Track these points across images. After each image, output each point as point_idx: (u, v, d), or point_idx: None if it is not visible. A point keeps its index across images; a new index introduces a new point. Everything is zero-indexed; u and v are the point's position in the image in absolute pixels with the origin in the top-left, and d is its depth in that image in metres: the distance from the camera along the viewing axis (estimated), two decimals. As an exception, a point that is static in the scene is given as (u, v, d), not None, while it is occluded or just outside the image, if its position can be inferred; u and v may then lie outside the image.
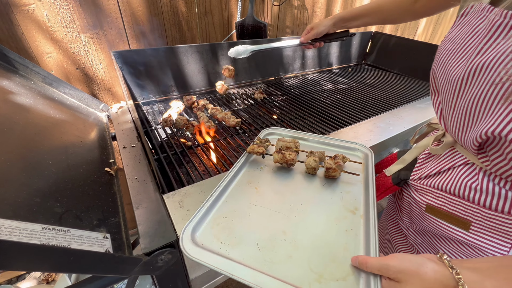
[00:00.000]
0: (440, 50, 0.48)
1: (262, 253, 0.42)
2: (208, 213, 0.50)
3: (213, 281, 0.65)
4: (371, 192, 0.53)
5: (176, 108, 0.97)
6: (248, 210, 0.51)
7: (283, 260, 0.41)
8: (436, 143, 0.54)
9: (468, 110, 0.40)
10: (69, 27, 0.90)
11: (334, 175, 0.58)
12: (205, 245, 0.44)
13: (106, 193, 0.57)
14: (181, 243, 0.43)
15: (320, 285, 0.38)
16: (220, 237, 0.45)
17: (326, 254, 0.42)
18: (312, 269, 0.40)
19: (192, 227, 0.46)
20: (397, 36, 1.52)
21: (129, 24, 1.01)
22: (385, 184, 0.64)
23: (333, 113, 1.03)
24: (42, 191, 0.44)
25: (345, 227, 0.47)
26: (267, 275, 0.39)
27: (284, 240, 0.45)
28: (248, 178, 0.60)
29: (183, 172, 0.70)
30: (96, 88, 1.04)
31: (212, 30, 1.22)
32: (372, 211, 0.49)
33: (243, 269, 0.40)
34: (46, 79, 0.81)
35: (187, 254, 0.41)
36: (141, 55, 0.97)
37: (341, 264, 0.41)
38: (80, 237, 0.42)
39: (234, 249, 0.43)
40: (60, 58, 0.93)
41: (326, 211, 0.51)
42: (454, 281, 0.34)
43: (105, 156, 0.71)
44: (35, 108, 0.66)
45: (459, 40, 0.43)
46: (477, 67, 0.38)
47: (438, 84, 0.48)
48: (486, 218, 0.44)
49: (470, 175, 0.45)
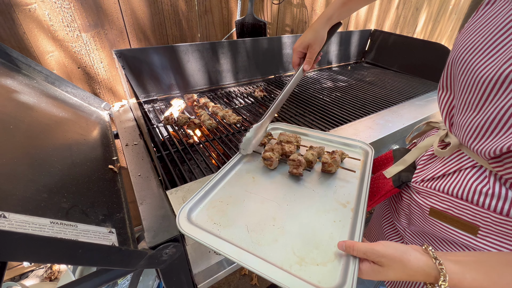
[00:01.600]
0: (460, 43, 0.42)
1: (250, 235, 0.46)
2: (206, 196, 0.54)
3: (215, 276, 0.66)
4: (365, 188, 0.55)
5: (178, 107, 0.98)
6: (243, 196, 0.54)
7: (268, 243, 0.44)
8: (443, 145, 0.50)
9: (496, 118, 0.36)
10: (70, 26, 0.91)
11: (330, 169, 0.59)
12: (199, 224, 0.47)
13: (110, 190, 0.58)
14: (177, 220, 0.46)
15: (300, 267, 0.40)
16: (214, 218, 0.49)
17: (311, 241, 0.45)
18: (295, 253, 0.43)
19: (189, 207, 0.50)
20: (396, 34, 1.53)
21: (130, 23, 1.01)
22: (385, 187, 0.60)
23: (333, 110, 1.04)
24: (48, 187, 0.45)
25: (334, 218, 0.49)
26: (252, 254, 0.42)
27: (273, 226, 0.48)
28: (247, 168, 0.63)
29: (185, 169, 0.71)
30: (98, 87, 1.05)
31: (212, 28, 1.23)
32: (362, 205, 0.51)
33: (229, 247, 0.43)
34: (49, 78, 0.82)
35: (180, 230, 0.45)
36: (142, 54, 0.98)
37: (324, 251, 0.43)
38: (87, 231, 0.43)
39: (225, 229, 0.47)
40: (62, 57, 0.94)
41: (318, 202, 0.53)
42: (436, 270, 0.35)
43: (108, 154, 0.72)
44: (39, 107, 0.67)
45: (487, 33, 0.37)
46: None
47: (455, 81, 0.44)
48: (495, 223, 0.41)
49: (479, 178, 0.42)
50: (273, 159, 0.60)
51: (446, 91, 0.48)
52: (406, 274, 0.37)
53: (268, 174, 0.61)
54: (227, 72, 1.23)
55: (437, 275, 0.35)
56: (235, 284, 1.44)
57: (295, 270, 0.40)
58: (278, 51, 1.34)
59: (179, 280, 0.57)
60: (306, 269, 0.40)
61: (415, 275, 0.37)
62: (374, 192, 0.63)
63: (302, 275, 0.39)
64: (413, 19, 2.31)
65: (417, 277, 0.37)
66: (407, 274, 0.37)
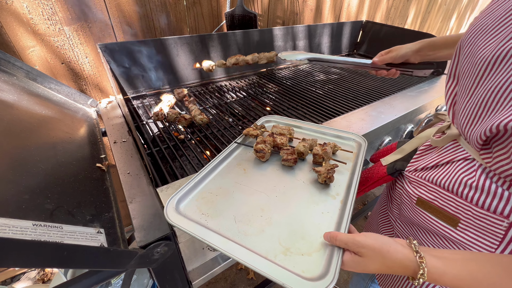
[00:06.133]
0: (471, 26, 0.42)
1: (237, 225, 0.46)
2: (196, 188, 0.54)
3: (210, 272, 0.65)
4: (355, 180, 0.55)
5: (167, 102, 0.96)
6: (233, 188, 0.54)
7: (255, 233, 0.45)
8: (439, 135, 0.50)
9: (485, 99, 0.36)
10: (51, 19, 0.86)
11: (321, 161, 0.59)
12: (187, 215, 0.47)
13: (98, 189, 0.57)
14: (165, 211, 0.46)
15: (285, 257, 0.41)
16: (202, 209, 0.49)
17: (298, 231, 0.45)
18: (281, 243, 0.43)
19: (178, 198, 0.50)
20: (388, 25, 1.52)
21: (115, 15, 0.97)
22: (379, 174, 0.61)
23: (325, 103, 1.03)
24: (30, 188, 0.43)
25: (322, 210, 0.50)
26: (237, 243, 0.42)
27: (261, 217, 0.48)
28: (238, 160, 0.62)
29: (176, 166, 0.69)
30: (83, 83, 1.01)
31: (202, 21, 1.19)
32: (351, 197, 0.51)
33: (216, 236, 0.43)
34: (30, 74, 0.78)
35: (168, 220, 0.45)
36: (129, 48, 0.94)
37: (310, 242, 0.43)
38: (73, 232, 0.41)
39: (213, 220, 0.47)
40: (44, 52, 0.89)
41: (307, 194, 0.53)
42: (416, 264, 0.35)
43: (96, 152, 0.69)
44: (20, 105, 0.64)
45: (494, 18, 0.37)
46: (508, 52, 0.33)
47: (460, 66, 0.43)
48: (475, 216, 0.42)
49: (468, 171, 0.42)
50: (265, 151, 0.59)
51: (453, 80, 0.46)
52: (385, 266, 0.37)
53: (260, 166, 0.61)
54: (218, 66, 1.20)
55: (416, 269, 0.35)
56: (232, 279, 1.44)
57: (279, 260, 0.40)
58: (270, 44, 1.32)
59: (172, 278, 0.56)
60: (290, 258, 0.40)
61: (393, 266, 0.37)
62: (368, 178, 0.63)
63: (286, 265, 0.39)
64: (404, 10, 2.31)
65: (395, 269, 0.37)
66: (386, 266, 0.37)
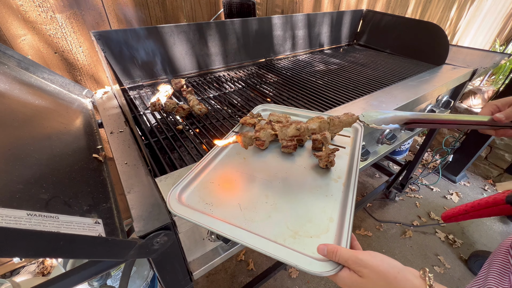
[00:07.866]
0: None
1: (243, 212, 0.46)
2: (196, 178, 0.53)
3: (211, 263, 0.65)
4: (355, 163, 0.55)
5: (165, 92, 0.94)
6: (235, 176, 0.54)
7: (262, 219, 0.44)
8: None
9: None
10: (42, 6, 0.83)
11: (320, 146, 0.59)
12: (191, 205, 0.47)
13: (95, 179, 0.55)
14: (168, 202, 0.46)
15: (294, 240, 0.41)
16: (206, 199, 0.48)
17: (304, 215, 0.45)
18: (288, 227, 0.43)
19: (179, 189, 0.49)
20: (389, 14, 1.49)
21: (109, 3, 0.94)
22: (495, 200, 0.51)
23: (326, 93, 1.01)
24: (24, 177, 0.42)
25: (326, 193, 0.50)
26: (246, 230, 0.42)
27: (266, 203, 0.47)
28: (237, 149, 0.62)
29: (175, 157, 0.68)
30: (78, 73, 0.99)
31: (199, 9, 1.16)
32: (353, 179, 0.51)
33: (223, 225, 0.43)
34: (22, 63, 0.75)
35: (172, 211, 0.44)
36: (124, 36, 0.91)
37: (317, 224, 0.43)
38: (70, 223, 0.40)
39: (218, 209, 0.46)
40: (36, 41, 0.87)
41: (309, 178, 0.53)
42: None
43: (92, 143, 0.68)
44: (11, 94, 0.62)
45: None
46: None
47: None
48: None
49: None
50: (264, 139, 0.58)
51: None
52: None
53: (260, 154, 0.60)
54: (216, 56, 1.18)
55: None
56: (232, 270, 1.45)
57: (289, 243, 0.40)
58: (269, 33, 1.29)
59: (173, 269, 0.56)
60: (300, 241, 0.41)
61: None
62: (473, 205, 0.55)
63: (296, 247, 0.39)
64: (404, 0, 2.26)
65: None
66: None
